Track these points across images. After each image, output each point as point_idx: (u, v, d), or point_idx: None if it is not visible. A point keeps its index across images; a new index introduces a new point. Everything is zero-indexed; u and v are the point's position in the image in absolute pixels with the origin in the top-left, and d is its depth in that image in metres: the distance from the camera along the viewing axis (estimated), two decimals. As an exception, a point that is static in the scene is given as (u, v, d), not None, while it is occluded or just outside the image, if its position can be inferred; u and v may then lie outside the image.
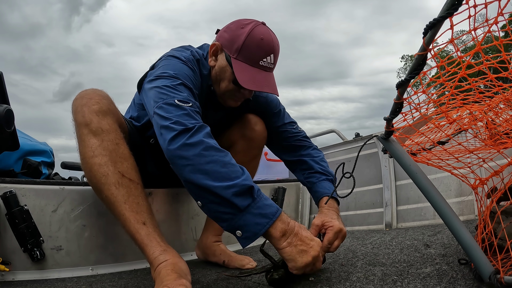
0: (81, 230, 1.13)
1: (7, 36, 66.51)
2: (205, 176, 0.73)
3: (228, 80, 0.99)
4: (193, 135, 0.76)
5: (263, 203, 0.74)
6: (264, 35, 0.94)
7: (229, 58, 0.96)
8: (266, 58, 0.95)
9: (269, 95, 1.19)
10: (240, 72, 0.93)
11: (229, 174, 0.73)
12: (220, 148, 0.78)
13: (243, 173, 0.75)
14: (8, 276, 1.00)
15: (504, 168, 0.87)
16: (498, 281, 0.60)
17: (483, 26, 0.63)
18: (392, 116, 0.74)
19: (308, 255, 0.76)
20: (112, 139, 0.88)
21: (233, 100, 1.06)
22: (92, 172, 0.85)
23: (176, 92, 0.86)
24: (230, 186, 0.71)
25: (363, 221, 1.81)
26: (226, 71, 0.99)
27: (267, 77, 0.97)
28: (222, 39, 0.99)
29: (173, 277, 0.75)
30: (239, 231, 0.73)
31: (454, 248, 0.99)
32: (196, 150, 0.74)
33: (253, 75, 0.94)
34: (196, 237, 1.41)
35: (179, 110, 0.81)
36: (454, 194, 1.54)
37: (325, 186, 1.08)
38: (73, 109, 0.91)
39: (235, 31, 0.96)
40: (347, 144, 2.07)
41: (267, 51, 0.95)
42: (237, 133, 1.18)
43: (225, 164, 0.74)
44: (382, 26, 47.07)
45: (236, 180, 0.72)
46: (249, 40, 0.93)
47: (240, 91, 1.01)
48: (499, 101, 0.87)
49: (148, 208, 0.87)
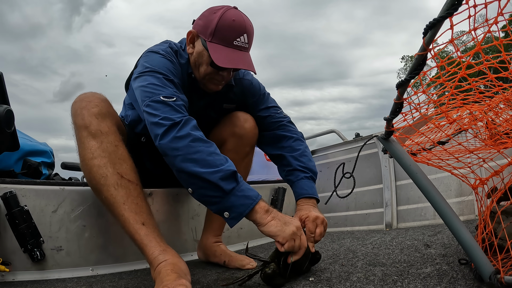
0: (81, 230, 1.13)
1: (7, 36, 66.56)
2: (194, 164, 0.80)
3: (206, 63, 1.02)
4: (181, 129, 0.84)
5: (246, 187, 0.83)
6: (236, 17, 0.98)
7: (205, 42, 0.99)
8: (239, 37, 0.98)
9: (254, 79, 1.22)
10: (215, 52, 0.96)
11: (215, 161, 0.81)
12: (205, 139, 0.85)
13: (227, 161, 0.83)
14: (8, 276, 1.00)
15: (504, 168, 0.87)
16: (498, 281, 0.60)
17: (483, 26, 0.63)
18: (392, 116, 0.74)
19: (292, 226, 0.84)
20: (111, 141, 0.90)
21: (214, 84, 1.07)
22: (91, 173, 0.87)
23: (160, 89, 0.91)
24: (216, 171, 0.79)
25: (363, 221, 1.81)
26: (204, 55, 1.01)
27: (242, 56, 1.00)
28: (197, 26, 1.03)
29: (173, 277, 0.76)
30: (227, 212, 0.81)
31: (454, 248, 0.99)
32: (185, 142, 0.82)
33: (228, 54, 0.97)
34: (197, 238, 1.41)
35: (165, 106, 0.87)
36: (454, 194, 1.54)
37: (303, 186, 1.07)
38: (73, 112, 0.93)
39: (208, 17, 1.00)
40: (347, 144, 2.07)
41: (240, 31, 0.98)
42: (227, 131, 1.18)
43: (210, 153, 0.83)
44: (382, 26, 47.16)
45: (221, 166, 0.81)
46: (221, 23, 0.96)
47: (219, 73, 1.03)
48: (499, 101, 0.87)
49: (147, 208, 0.89)
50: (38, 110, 63.17)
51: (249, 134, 1.17)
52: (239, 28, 0.98)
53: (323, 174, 2.12)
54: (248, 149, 1.20)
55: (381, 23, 47.60)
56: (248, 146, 1.19)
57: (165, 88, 0.92)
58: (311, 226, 0.95)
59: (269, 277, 0.83)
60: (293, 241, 0.83)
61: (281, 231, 0.82)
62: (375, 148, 1.86)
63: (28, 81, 62.03)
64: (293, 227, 0.84)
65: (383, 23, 47.18)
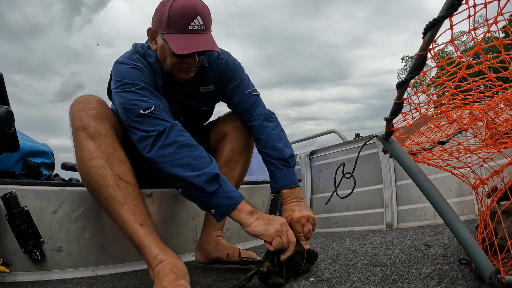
0: (81, 231, 1.13)
1: (8, 36, 66.51)
2: (181, 168, 0.88)
3: (170, 55, 1.02)
4: (167, 136, 0.90)
5: (229, 188, 0.89)
6: (185, 3, 0.97)
7: (163, 35, 1.00)
8: (193, 21, 0.97)
9: (230, 58, 1.20)
10: (172, 42, 0.97)
11: (199, 165, 0.88)
12: (191, 143, 0.91)
13: (211, 163, 0.90)
14: (9, 277, 1.00)
15: (504, 167, 0.87)
16: (498, 281, 0.60)
17: (483, 26, 0.63)
18: (392, 116, 0.74)
19: (276, 223, 0.87)
20: (109, 142, 0.91)
21: (184, 73, 1.06)
22: (90, 174, 0.88)
23: (137, 102, 0.95)
24: (200, 175, 0.86)
25: (364, 221, 1.81)
26: (165, 48, 1.02)
27: (201, 38, 0.99)
28: (154, 22, 1.04)
29: (172, 277, 0.76)
30: (213, 209, 0.89)
31: (454, 248, 0.99)
32: (172, 149, 0.89)
33: (186, 40, 0.97)
34: (196, 238, 1.41)
35: (146, 118, 0.92)
36: (454, 194, 1.54)
37: (280, 176, 1.07)
38: (71, 114, 0.95)
39: (160, 10, 1.00)
40: (347, 144, 2.07)
41: (192, 15, 0.97)
42: (229, 124, 1.22)
43: (195, 157, 0.89)
44: (382, 27, 47.17)
45: (205, 169, 0.87)
46: (172, 12, 0.97)
47: (185, 61, 1.03)
48: (499, 101, 0.87)
49: (145, 209, 0.90)
50: (38, 110, 63.16)
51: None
52: (190, 13, 0.97)
53: (323, 174, 2.12)
54: (252, 141, 1.22)
55: (381, 24, 47.66)
56: (250, 138, 1.21)
57: (141, 100, 0.95)
58: (297, 227, 0.97)
59: (265, 276, 0.83)
60: (280, 237, 0.85)
61: (265, 230, 0.85)
62: (375, 148, 1.86)
63: (28, 81, 62.03)
64: (277, 225, 0.87)
65: (383, 23, 47.24)
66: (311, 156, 2.21)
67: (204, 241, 1.20)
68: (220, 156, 1.20)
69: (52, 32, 64.46)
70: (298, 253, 0.91)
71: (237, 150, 1.20)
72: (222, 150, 1.20)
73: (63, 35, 63.65)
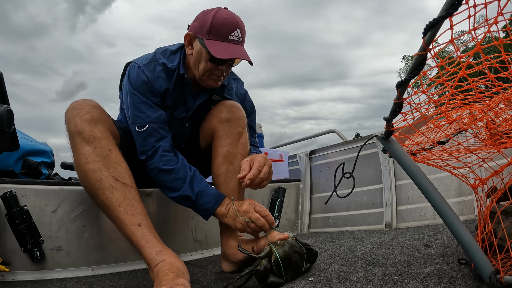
0: (81, 230, 1.13)
1: (11, 36, 66.38)
2: (162, 188, 1.07)
3: (205, 60, 1.08)
4: (150, 160, 1.04)
5: (204, 201, 1.02)
6: (228, 15, 1.07)
7: (202, 41, 1.06)
8: (233, 32, 1.06)
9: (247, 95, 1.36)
10: (213, 46, 1.04)
11: (176, 187, 1.02)
12: (167, 168, 1.03)
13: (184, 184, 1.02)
14: (8, 276, 1.00)
15: (504, 168, 0.87)
16: (498, 281, 0.60)
17: (483, 26, 0.63)
18: (392, 116, 0.74)
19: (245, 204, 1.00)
20: (105, 145, 0.93)
21: (213, 80, 1.12)
22: (86, 178, 0.89)
23: (135, 118, 1.07)
24: (176, 196, 1.03)
25: (363, 221, 1.81)
26: (202, 53, 1.08)
27: (238, 49, 1.07)
28: (193, 28, 1.10)
29: (171, 276, 0.76)
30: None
31: (454, 248, 0.99)
32: (153, 173, 1.05)
33: (225, 47, 1.04)
34: (196, 238, 1.41)
35: (139, 136, 1.06)
36: (454, 194, 1.54)
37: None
38: (66, 120, 0.96)
39: (203, 18, 1.08)
40: (347, 144, 2.06)
41: (233, 26, 1.06)
42: (215, 119, 1.18)
43: (172, 180, 1.02)
44: (382, 27, 47.14)
45: (178, 192, 1.02)
46: (215, 21, 1.05)
47: (218, 68, 1.09)
48: (499, 101, 0.87)
49: (142, 210, 0.90)
50: (38, 109, 63.17)
51: (235, 116, 1.16)
52: (232, 24, 1.06)
53: (323, 174, 2.12)
54: (240, 129, 1.16)
55: (381, 24, 47.61)
56: (238, 127, 1.16)
57: (138, 117, 1.06)
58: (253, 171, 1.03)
59: (261, 275, 0.83)
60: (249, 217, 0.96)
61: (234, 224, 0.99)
62: (375, 148, 1.86)
63: (29, 80, 62.01)
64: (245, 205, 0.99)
65: (382, 23, 47.20)
66: (310, 155, 2.21)
67: (226, 247, 1.10)
68: (216, 154, 1.14)
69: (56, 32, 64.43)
70: (299, 253, 0.91)
71: (230, 142, 1.14)
72: (217, 148, 1.15)
73: (67, 34, 63.58)
